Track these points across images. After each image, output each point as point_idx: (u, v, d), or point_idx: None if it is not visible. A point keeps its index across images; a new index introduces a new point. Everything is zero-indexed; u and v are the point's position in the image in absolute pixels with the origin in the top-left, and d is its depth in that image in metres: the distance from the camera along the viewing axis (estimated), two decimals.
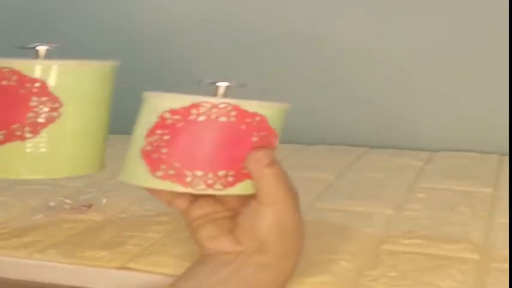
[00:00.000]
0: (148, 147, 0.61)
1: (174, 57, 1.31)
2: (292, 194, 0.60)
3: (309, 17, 1.22)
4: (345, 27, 1.19)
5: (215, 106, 0.60)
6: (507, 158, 1.07)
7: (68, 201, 0.87)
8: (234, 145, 0.61)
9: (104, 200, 0.87)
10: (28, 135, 0.67)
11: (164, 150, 0.61)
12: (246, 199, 0.61)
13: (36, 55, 0.68)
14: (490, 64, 1.13)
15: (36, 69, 0.66)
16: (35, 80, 0.66)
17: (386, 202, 0.88)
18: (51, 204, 0.87)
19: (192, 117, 0.61)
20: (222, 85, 0.63)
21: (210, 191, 0.60)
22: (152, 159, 0.61)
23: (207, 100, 0.60)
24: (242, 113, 0.61)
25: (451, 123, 1.17)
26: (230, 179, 0.61)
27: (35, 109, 0.67)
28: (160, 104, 0.61)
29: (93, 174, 1.00)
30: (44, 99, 0.67)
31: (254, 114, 0.62)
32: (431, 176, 1.01)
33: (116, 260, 0.71)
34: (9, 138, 0.67)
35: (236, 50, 1.27)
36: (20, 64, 0.66)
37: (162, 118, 0.61)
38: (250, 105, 0.62)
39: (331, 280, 0.65)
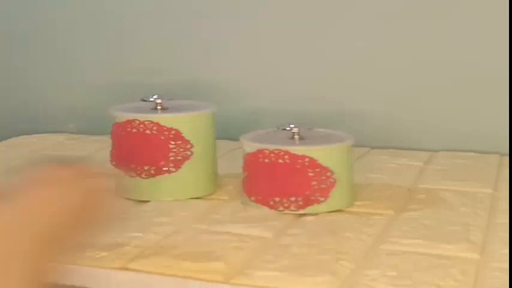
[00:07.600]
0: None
1: None
2: None
3: None
4: (342, 32, 1.19)
5: (272, 152, 0.81)
6: (507, 158, 1.06)
7: None
8: (294, 178, 0.80)
9: None
10: (172, 169, 0.87)
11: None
12: None
13: (155, 105, 0.90)
14: (490, 64, 1.13)
15: (170, 120, 0.87)
16: (171, 129, 0.86)
17: (386, 202, 0.88)
18: None
19: (260, 160, 0.82)
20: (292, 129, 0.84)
21: (286, 211, 0.81)
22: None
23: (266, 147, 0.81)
24: (293, 156, 0.80)
25: (451, 123, 1.17)
26: (300, 203, 0.81)
27: (174, 150, 0.87)
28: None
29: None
30: (179, 142, 0.86)
31: (304, 157, 0.80)
32: (432, 177, 1.01)
33: (117, 261, 0.71)
34: (159, 172, 0.87)
35: None
36: (157, 117, 0.87)
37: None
38: (298, 150, 0.81)
39: (331, 280, 0.65)
